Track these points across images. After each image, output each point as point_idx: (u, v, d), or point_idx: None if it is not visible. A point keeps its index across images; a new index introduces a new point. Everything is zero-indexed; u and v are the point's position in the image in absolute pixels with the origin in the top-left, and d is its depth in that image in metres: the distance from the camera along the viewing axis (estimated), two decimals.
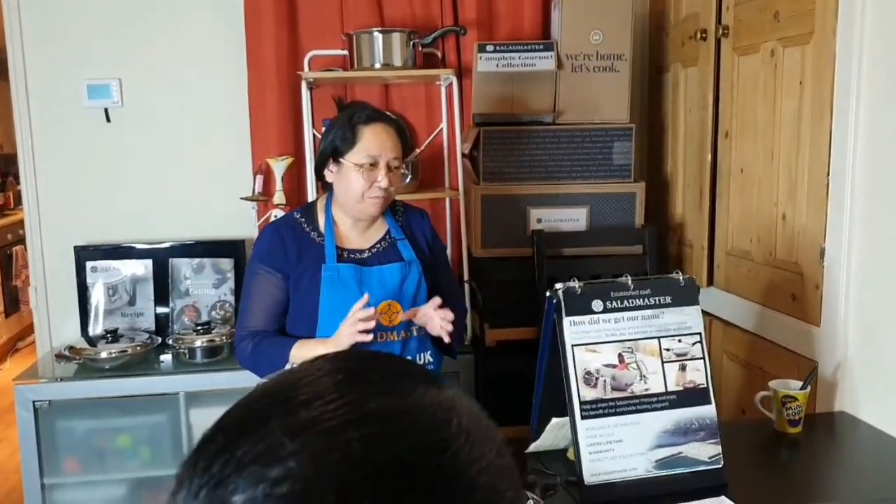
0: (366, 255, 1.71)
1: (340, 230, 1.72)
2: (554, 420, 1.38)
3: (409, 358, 1.68)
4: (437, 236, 1.84)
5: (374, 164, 1.63)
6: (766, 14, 1.91)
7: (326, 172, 1.70)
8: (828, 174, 1.69)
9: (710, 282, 2.22)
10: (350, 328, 1.54)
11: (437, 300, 1.64)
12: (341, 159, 1.65)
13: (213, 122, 2.65)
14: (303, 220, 1.73)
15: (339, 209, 1.72)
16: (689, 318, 1.38)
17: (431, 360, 1.73)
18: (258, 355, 1.66)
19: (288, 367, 1.56)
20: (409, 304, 1.69)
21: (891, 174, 1.55)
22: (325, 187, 1.75)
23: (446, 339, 1.63)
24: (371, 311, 1.56)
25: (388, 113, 1.95)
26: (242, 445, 0.38)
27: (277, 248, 1.69)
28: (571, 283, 1.33)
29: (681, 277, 1.39)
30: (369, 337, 1.55)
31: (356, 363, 0.45)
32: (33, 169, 2.60)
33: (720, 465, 1.34)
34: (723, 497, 1.29)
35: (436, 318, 1.62)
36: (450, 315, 1.61)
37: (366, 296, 1.57)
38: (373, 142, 1.64)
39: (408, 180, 2.42)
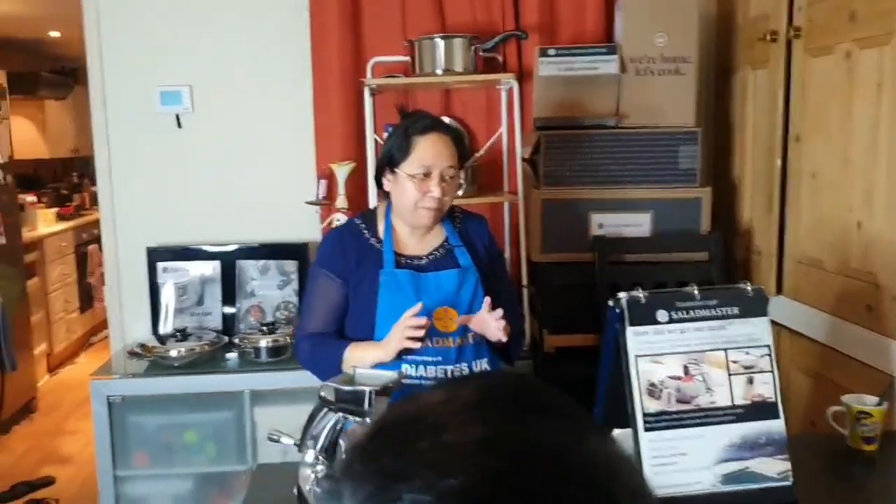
0: (423, 261, 1.72)
1: (399, 236, 1.74)
2: (615, 431, 1.36)
3: (464, 365, 1.68)
4: (494, 242, 1.84)
5: (427, 174, 1.64)
6: (841, 14, 1.84)
7: (384, 181, 1.72)
8: None
9: (779, 290, 2.15)
10: (400, 333, 1.57)
11: (487, 301, 1.64)
12: (396, 169, 1.67)
13: (279, 127, 2.71)
14: (363, 226, 1.76)
15: (397, 216, 1.74)
16: (758, 329, 1.33)
17: (488, 367, 1.73)
18: (315, 356, 1.71)
19: (345, 368, 1.59)
20: (465, 310, 1.69)
21: None
22: (385, 194, 1.77)
23: (504, 338, 1.63)
24: (423, 320, 1.57)
25: (447, 121, 1.95)
26: (418, 447, 0.40)
27: (339, 253, 1.73)
28: (635, 292, 1.30)
29: (749, 288, 1.35)
30: (418, 344, 1.57)
31: (532, 391, 0.46)
32: (109, 172, 2.72)
33: (789, 482, 1.30)
34: None
35: (491, 323, 1.62)
36: (499, 312, 1.61)
37: (419, 304, 1.58)
38: (427, 152, 1.64)
39: (461, 191, 2.39)
